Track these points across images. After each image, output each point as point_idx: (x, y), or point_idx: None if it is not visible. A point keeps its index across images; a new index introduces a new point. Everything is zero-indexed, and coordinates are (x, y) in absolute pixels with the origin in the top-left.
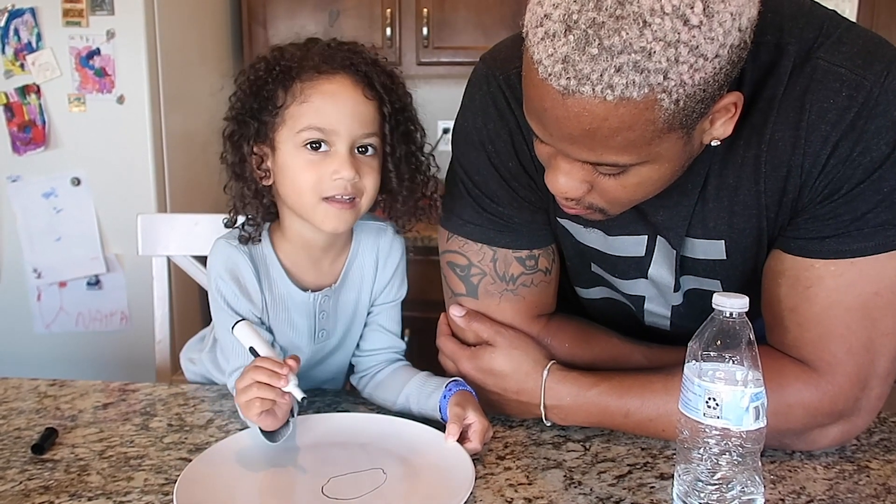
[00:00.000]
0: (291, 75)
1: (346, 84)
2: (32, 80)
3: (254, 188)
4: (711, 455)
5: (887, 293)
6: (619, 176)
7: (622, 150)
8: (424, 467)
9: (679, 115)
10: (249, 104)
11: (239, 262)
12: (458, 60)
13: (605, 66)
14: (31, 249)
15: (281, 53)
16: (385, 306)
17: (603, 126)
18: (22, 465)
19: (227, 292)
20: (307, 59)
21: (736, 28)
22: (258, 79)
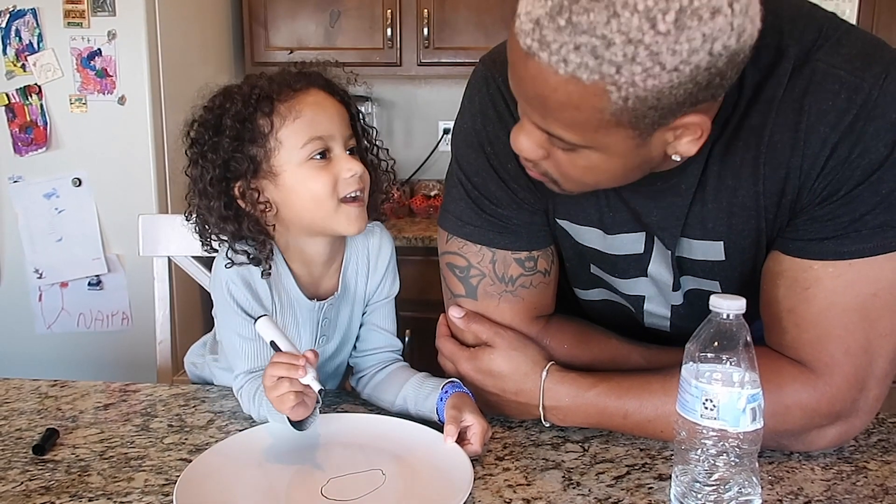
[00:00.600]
0: (272, 99)
1: (322, 94)
2: (34, 81)
3: (255, 221)
4: (709, 456)
5: (885, 294)
6: (569, 153)
7: (569, 127)
8: (423, 468)
9: (628, 113)
10: (231, 143)
11: (253, 270)
12: (459, 61)
13: (566, 39)
14: (33, 250)
15: (249, 85)
16: (379, 304)
17: (552, 96)
18: (23, 465)
19: (240, 297)
20: (279, 82)
21: (706, 51)
22: (237, 114)
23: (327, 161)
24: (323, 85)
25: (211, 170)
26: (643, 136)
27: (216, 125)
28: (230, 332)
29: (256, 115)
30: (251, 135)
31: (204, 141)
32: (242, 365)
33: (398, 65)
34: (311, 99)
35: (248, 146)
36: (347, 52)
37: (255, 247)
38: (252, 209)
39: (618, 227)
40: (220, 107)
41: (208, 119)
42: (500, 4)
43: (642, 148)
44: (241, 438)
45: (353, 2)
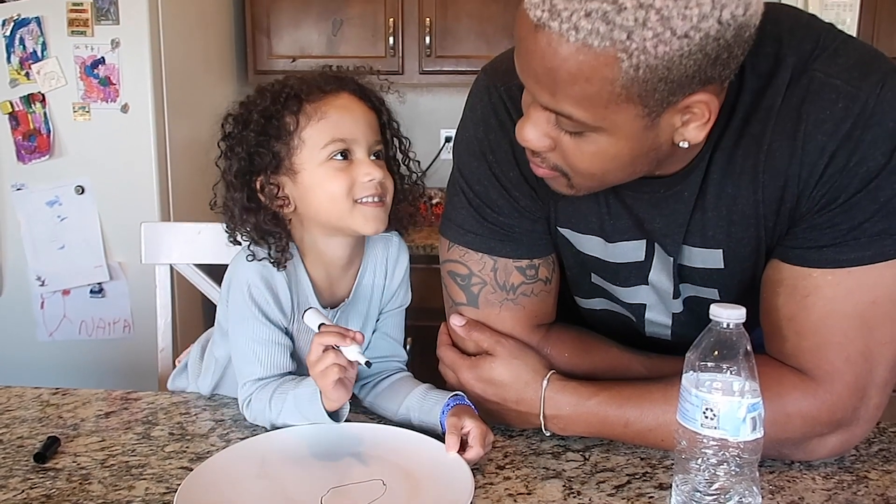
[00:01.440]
0: (300, 99)
1: (352, 98)
2: (37, 89)
3: (272, 215)
4: (709, 465)
5: (884, 302)
6: (577, 138)
7: (579, 104)
8: (424, 478)
9: (638, 85)
10: (257, 138)
11: (274, 273)
12: (461, 69)
13: (577, 6)
14: (35, 257)
15: (281, 84)
16: (391, 312)
17: (563, 67)
18: (24, 473)
19: (262, 300)
20: (310, 83)
21: (715, 18)
22: (265, 110)
23: (348, 163)
24: (354, 89)
25: (237, 162)
26: (652, 117)
27: (245, 120)
28: (245, 338)
29: (284, 112)
30: (276, 131)
31: (233, 134)
32: (256, 371)
33: (400, 73)
34: (339, 102)
35: (273, 142)
36: (350, 61)
37: (276, 244)
38: (270, 203)
39: (619, 234)
40: (251, 102)
41: (240, 113)
42: (502, 13)
43: (650, 131)
44: (243, 447)
45: (356, 10)
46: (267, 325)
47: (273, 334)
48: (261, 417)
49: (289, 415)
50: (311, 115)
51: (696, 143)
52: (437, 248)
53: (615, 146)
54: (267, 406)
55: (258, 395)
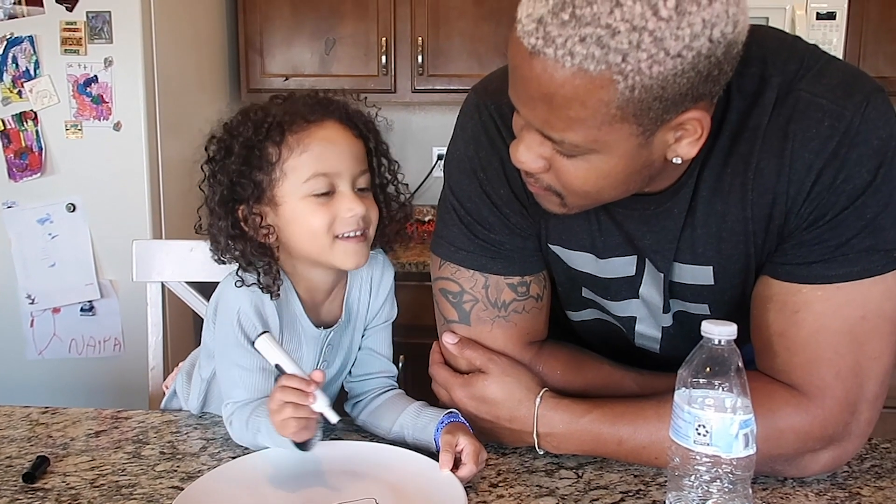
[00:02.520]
0: (282, 129)
1: (337, 128)
2: (30, 107)
3: (258, 245)
4: (702, 482)
5: (873, 317)
6: (572, 159)
7: (574, 126)
8: (417, 496)
9: (633, 105)
10: (238, 167)
11: (263, 298)
12: (453, 88)
13: (571, 33)
14: (25, 275)
15: (264, 111)
16: (377, 328)
17: (559, 93)
18: (13, 494)
19: (249, 327)
20: (294, 112)
21: (706, 36)
22: (247, 140)
23: (329, 198)
24: (340, 117)
25: (219, 190)
26: (646, 135)
27: (228, 147)
28: (229, 363)
29: (266, 143)
30: (258, 161)
31: (216, 160)
32: (240, 395)
33: (393, 91)
34: (322, 133)
35: (255, 172)
36: (343, 80)
37: (264, 270)
38: (254, 234)
39: (610, 251)
40: (234, 128)
41: (223, 138)
42: (494, 33)
43: (644, 149)
44: (234, 466)
45: (348, 30)
46: (252, 352)
47: (258, 361)
48: (242, 437)
49: (264, 438)
50: (294, 147)
51: (689, 158)
52: (428, 265)
53: (609, 165)
54: (244, 427)
55: (238, 415)
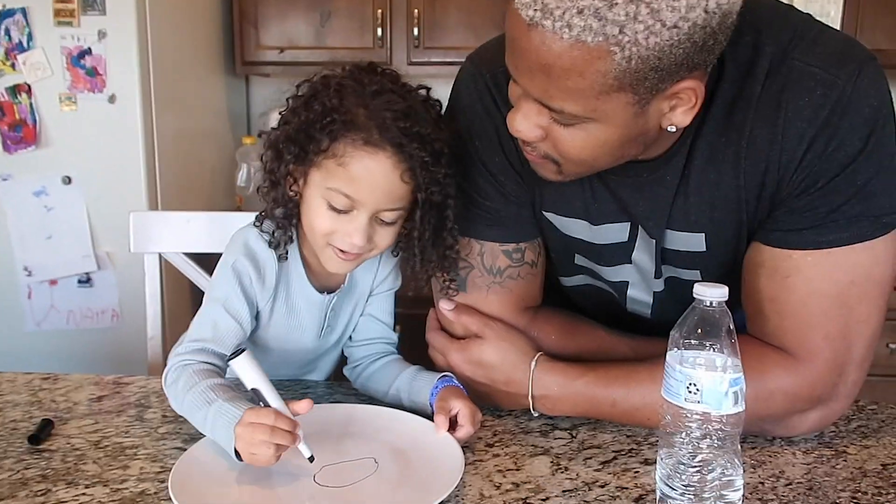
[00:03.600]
0: (337, 134)
1: (387, 164)
2: (23, 80)
3: (286, 197)
4: (693, 439)
5: (862, 282)
6: (569, 128)
7: (572, 97)
8: (415, 456)
9: (630, 75)
10: (296, 132)
11: (264, 252)
12: (449, 60)
13: (568, 4)
14: (22, 248)
15: (340, 100)
16: (380, 295)
17: (557, 64)
18: (19, 455)
19: (244, 273)
20: (361, 125)
21: (702, 7)
22: (307, 119)
23: (342, 214)
24: (396, 150)
25: (281, 135)
26: (642, 104)
27: (305, 104)
28: (215, 302)
29: (324, 130)
30: (309, 140)
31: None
32: (206, 335)
33: (388, 64)
34: (370, 163)
35: (306, 143)
36: (338, 52)
37: (280, 224)
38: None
39: (603, 217)
40: (315, 94)
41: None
42: (490, 4)
43: (640, 118)
44: None
45: (344, 2)
46: (241, 300)
47: (241, 311)
48: (176, 392)
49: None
50: (337, 154)
51: (683, 126)
52: None
53: (606, 134)
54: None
55: (188, 372)
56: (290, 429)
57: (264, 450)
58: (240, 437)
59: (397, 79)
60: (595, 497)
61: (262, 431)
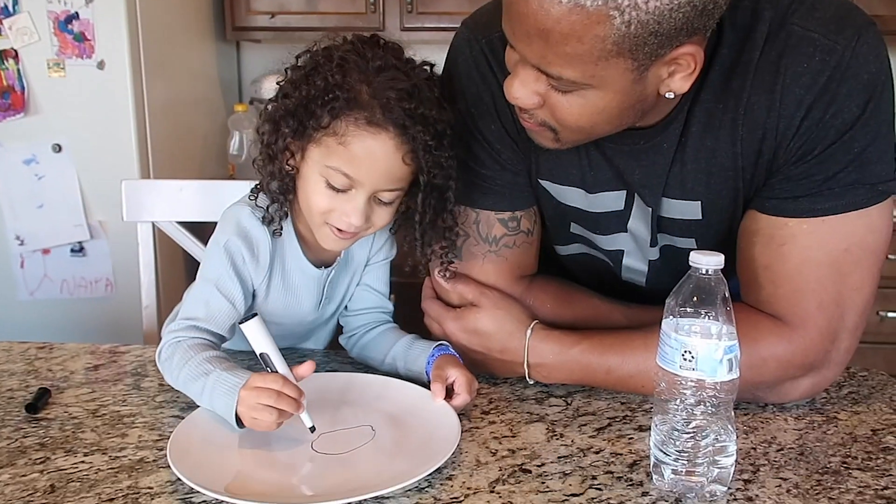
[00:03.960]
0: (340, 111)
1: (389, 145)
2: (10, 45)
3: (283, 171)
4: (687, 406)
5: (857, 250)
6: (567, 94)
7: (570, 62)
8: (412, 423)
9: (629, 40)
10: (295, 107)
11: (256, 229)
12: (443, 26)
13: None
14: (13, 216)
15: (343, 75)
16: (376, 265)
17: (555, 29)
18: (16, 423)
19: (236, 252)
20: (364, 103)
21: None
22: (308, 94)
23: (340, 193)
24: (399, 131)
25: (279, 108)
26: (640, 70)
27: (306, 77)
28: (206, 281)
29: (325, 107)
30: (310, 116)
31: (293, 81)
32: (199, 314)
33: (381, 29)
34: (371, 143)
35: (305, 118)
36: (329, 17)
37: (275, 198)
38: (285, 161)
39: (599, 185)
40: (316, 67)
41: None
42: None
43: (638, 84)
44: None
45: None
46: (233, 280)
47: (233, 292)
48: (171, 368)
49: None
50: (338, 132)
51: (682, 92)
52: None
53: (604, 100)
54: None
55: (185, 343)
56: (296, 396)
57: (266, 415)
58: (243, 401)
59: (401, 54)
60: (590, 463)
61: (267, 396)
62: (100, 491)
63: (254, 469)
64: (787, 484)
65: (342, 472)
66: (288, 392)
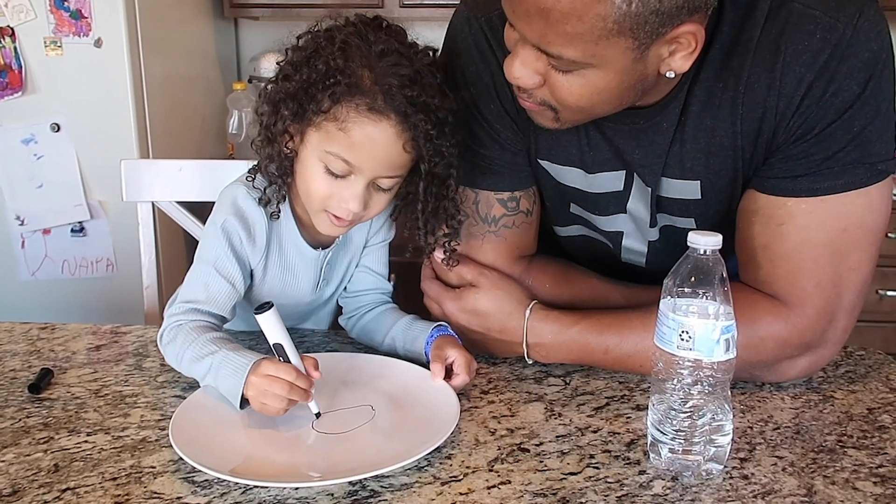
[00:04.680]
0: (340, 96)
1: (390, 132)
2: (6, 23)
3: (282, 154)
4: (684, 385)
5: (855, 229)
6: (567, 74)
7: (570, 42)
8: (411, 403)
9: (630, 19)
10: (296, 90)
11: (253, 210)
12: (442, 3)
13: None
14: (13, 196)
15: (345, 60)
16: (374, 247)
17: (556, 8)
18: (20, 403)
19: (233, 233)
20: (366, 89)
21: None
22: (309, 78)
23: (339, 179)
24: (400, 119)
25: (278, 90)
26: (641, 49)
27: (307, 59)
28: (204, 263)
29: (325, 92)
30: (310, 100)
31: (294, 63)
32: (199, 296)
33: (380, 6)
34: (372, 130)
35: (305, 101)
36: None
37: (272, 179)
38: (284, 144)
39: (598, 166)
40: (317, 50)
41: (306, 49)
42: None
43: (639, 63)
44: None
45: None
46: (231, 260)
47: (232, 272)
48: (173, 350)
49: (210, 376)
50: (338, 117)
51: (682, 72)
52: None
53: (604, 80)
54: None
55: (187, 326)
56: (307, 387)
57: (277, 402)
58: (253, 385)
59: (404, 37)
60: (588, 442)
61: (280, 386)
62: (103, 470)
63: (255, 448)
64: (783, 462)
65: (342, 451)
66: (300, 384)
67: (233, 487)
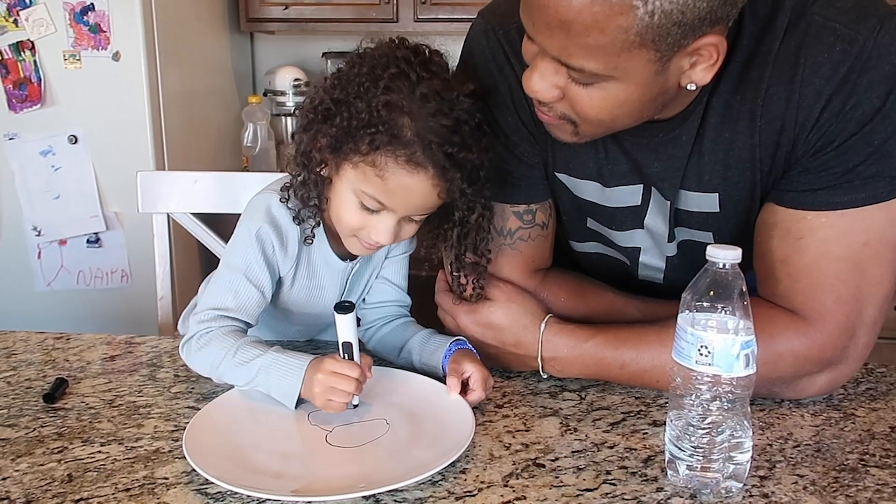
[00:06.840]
0: (379, 144)
1: (427, 184)
2: (26, 37)
3: (316, 181)
4: (703, 401)
5: (876, 244)
6: (587, 87)
7: (592, 54)
8: (426, 417)
9: (652, 31)
10: (336, 130)
11: (286, 219)
12: (457, 17)
13: None
14: (31, 207)
15: (388, 109)
16: (395, 258)
17: (577, 20)
18: (34, 413)
19: (267, 240)
20: (407, 140)
21: None
22: (350, 123)
23: (372, 213)
24: (438, 171)
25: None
26: (663, 61)
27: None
28: (232, 269)
29: (365, 136)
30: (348, 138)
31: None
32: (228, 303)
33: (395, 21)
34: (408, 180)
35: (343, 138)
36: (343, 8)
37: (304, 201)
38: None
39: (616, 179)
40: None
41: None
42: None
43: (660, 76)
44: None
45: None
46: (262, 268)
47: (263, 280)
48: (205, 356)
49: (259, 380)
50: (376, 164)
51: (703, 84)
52: None
53: (626, 92)
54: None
55: (218, 332)
56: (362, 380)
57: (342, 398)
58: (319, 382)
59: (446, 71)
60: (604, 458)
61: (347, 383)
62: (116, 481)
63: (269, 461)
64: (804, 481)
65: (356, 465)
66: (358, 376)
67: (246, 500)
